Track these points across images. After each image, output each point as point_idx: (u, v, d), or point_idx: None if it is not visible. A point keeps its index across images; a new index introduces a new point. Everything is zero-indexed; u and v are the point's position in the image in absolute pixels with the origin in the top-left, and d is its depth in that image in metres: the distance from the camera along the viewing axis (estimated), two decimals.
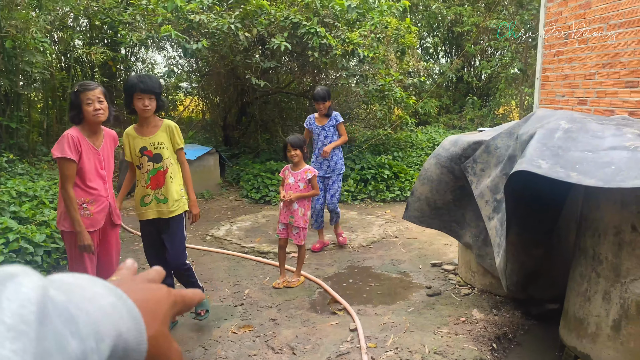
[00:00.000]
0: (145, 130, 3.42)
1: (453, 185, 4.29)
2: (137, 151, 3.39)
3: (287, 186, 4.43)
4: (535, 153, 3.03)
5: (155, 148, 3.40)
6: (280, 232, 4.49)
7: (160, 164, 3.42)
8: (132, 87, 3.26)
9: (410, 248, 5.56)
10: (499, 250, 3.55)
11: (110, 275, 2.31)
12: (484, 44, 14.01)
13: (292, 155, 4.35)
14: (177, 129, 3.48)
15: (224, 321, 3.81)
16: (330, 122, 5.35)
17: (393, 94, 8.18)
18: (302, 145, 4.37)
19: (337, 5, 7.51)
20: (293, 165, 4.45)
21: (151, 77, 3.34)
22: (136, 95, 3.27)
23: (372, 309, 4.02)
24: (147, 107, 3.29)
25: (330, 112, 5.36)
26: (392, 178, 8.09)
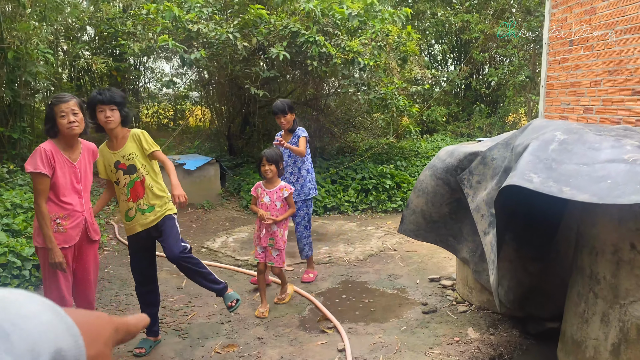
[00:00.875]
0: (114, 144, 3.33)
1: (449, 197, 4.14)
2: (112, 167, 3.30)
3: (263, 205, 4.10)
4: (528, 166, 2.88)
5: (127, 160, 3.31)
6: (259, 255, 4.16)
7: (136, 174, 3.32)
8: (91, 101, 3.18)
9: (408, 262, 5.40)
10: (493, 268, 3.39)
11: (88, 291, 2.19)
12: (491, 51, 13.82)
13: (265, 170, 4.02)
14: (144, 134, 3.35)
15: (208, 339, 3.68)
16: (293, 139, 4.77)
17: (396, 102, 8.04)
18: (278, 160, 4.07)
19: (338, 13, 7.41)
20: (266, 182, 4.14)
21: (112, 90, 3.25)
22: (98, 108, 3.18)
23: (363, 327, 3.87)
24: (109, 118, 3.19)
25: (295, 127, 4.78)
26: (394, 188, 7.94)
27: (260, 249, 4.15)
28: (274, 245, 4.10)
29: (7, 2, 7.86)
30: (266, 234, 4.09)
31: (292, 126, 4.74)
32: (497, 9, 12.96)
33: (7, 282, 4.37)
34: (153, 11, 7.55)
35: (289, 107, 4.68)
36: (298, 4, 7.64)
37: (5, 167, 7.69)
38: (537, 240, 3.75)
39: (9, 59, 7.82)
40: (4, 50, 7.81)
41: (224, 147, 11.13)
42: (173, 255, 3.30)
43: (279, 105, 4.68)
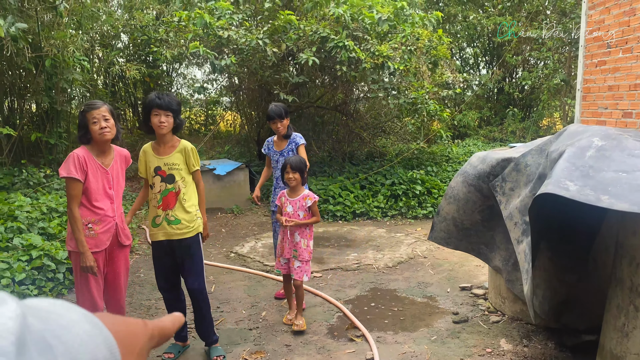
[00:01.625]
0: (161, 150, 3.36)
1: (481, 204, 4.04)
2: (151, 170, 3.34)
3: (285, 215, 3.97)
4: (563, 174, 2.78)
5: (169, 168, 3.34)
6: (281, 267, 4.01)
7: (173, 185, 3.35)
8: (149, 103, 3.23)
9: (439, 269, 5.30)
10: (527, 277, 3.28)
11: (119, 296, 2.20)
12: (525, 54, 13.54)
13: (289, 178, 3.86)
14: (194, 151, 3.42)
15: (236, 346, 3.68)
16: (289, 146, 4.47)
17: (426, 106, 7.94)
18: (302, 168, 3.90)
19: (367, 18, 7.37)
20: (290, 190, 3.98)
21: (170, 95, 3.30)
22: (153, 112, 3.23)
23: (392, 336, 3.80)
24: (163, 124, 3.24)
25: (290, 132, 4.47)
26: (424, 194, 7.83)
27: (283, 260, 3.99)
28: (297, 256, 3.93)
29: (46, 11, 8.10)
30: (290, 245, 3.94)
31: (287, 131, 4.46)
32: (531, 11, 12.70)
33: (41, 284, 4.48)
34: (185, 18, 7.66)
35: (285, 111, 4.42)
36: (327, 9, 7.64)
37: (43, 172, 7.92)
38: (573, 250, 3.63)
39: (46, 67, 8.05)
40: (42, 58, 8.05)
41: (253, 152, 11.21)
42: (193, 287, 3.41)
43: (275, 109, 4.38)
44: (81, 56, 8.59)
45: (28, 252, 4.65)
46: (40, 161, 8.67)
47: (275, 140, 4.53)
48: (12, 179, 7.62)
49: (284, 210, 3.98)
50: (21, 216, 5.36)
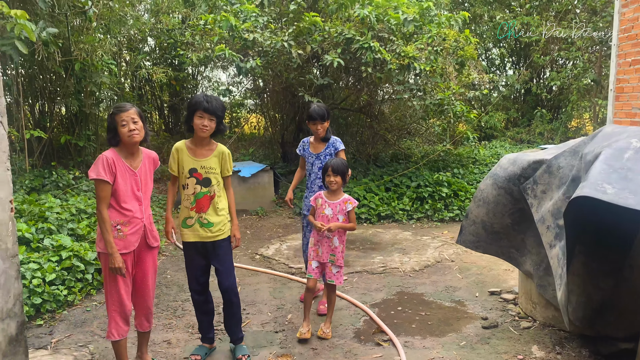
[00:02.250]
0: (198, 151, 3.37)
1: (512, 207, 3.95)
2: (185, 170, 3.34)
3: (323, 217, 3.81)
4: (600, 176, 2.68)
5: (205, 172, 3.35)
6: (313, 271, 3.85)
7: (208, 188, 3.36)
8: (195, 104, 3.24)
9: (467, 273, 5.20)
10: (561, 283, 3.19)
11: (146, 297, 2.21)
12: (553, 54, 13.27)
13: (331, 181, 3.76)
14: (230, 157, 3.44)
15: (262, 348, 3.66)
16: (327, 150, 4.28)
17: (453, 108, 7.84)
18: (344, 171, 3.80)
19: (393, 18, 7.31)
20: (328, 193, 3.87)
21: (217, 99, 3.29)
22: (198, 113, 3.24)
23: (420, 341, 3.74)
24: (206, 128, 3.26)
25: (329, 136, 4.29)
26: (450, 196, 7.72)
27: (315, 264, 3.85)
28: (335, 261, 3.81)
29: (76, 16, 8.25)
30: (327, 248, 3.82)
31: (326, 135, 4.28)
32: (559, 10, 12.45)
33: (71, 284, 4.54)
34: (210, 22, 7.72)
35: (327, 113, 4.22)
36: (352, 10, 7.60)
37: (72, 174, 8.05)
38: (609, 254, 3.51)
39: (76, 70, 8.20)
40: (72, 61, 8.20)
41: (277, 154, 11.23)
42: (226, 285, 3.41)
43: (317, 110, 4.17)
44: (109, 60, 8.73)
45: (58, 253, 4.72)
46: (69, 163, 8.83)
47: (312, 142, 4.37)
48: (43, 180, 7.76)
49: (321, 213, 3.83)
50: (51, 217, 5.45)
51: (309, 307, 3.89)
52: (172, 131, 13.10)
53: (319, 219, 3.84)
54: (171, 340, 3.81)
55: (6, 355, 2.70)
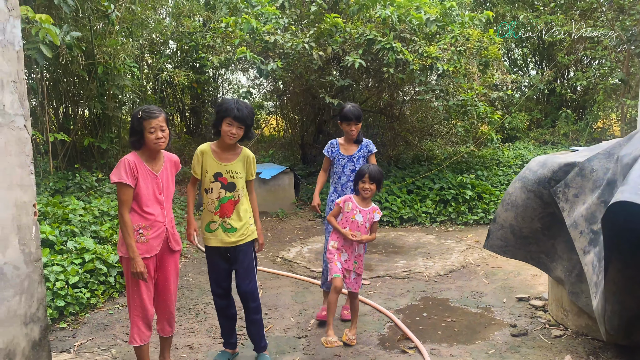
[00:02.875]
0: (223, 155, 3.32)
1: (541, 211, 3.83)
2: (210, 174, 3.30)
3: (353, 223, 3.67)
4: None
5: (230, 176, 3.31)
6: (340, 270, 3.65)
7: (233, 193, 3.31)
8: (226, 111, 3.19)
9: (493, 279, 5.08)
10: (597, 291, 3.06)
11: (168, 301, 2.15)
12: (578, 54, 12.99)
13: (366, 188, 3.63)
14: (254, 160, 3.41)
15: (285, 354, 3.60)
16: (360, 152, 4.11)
17: (476, 109, 7.70)
18: (381, 180, 3.70)
19: (415, 19, 7.21)
20: (360, 200, 3.72)
21: (248, 107, 3.24)
22: (227, 120, 3.19)
23: (447, 349, 3.64)
24: (234, 135, 3.24)
25: (361, 138, 4.14)
26: (474, 199, 7.57)
27: (339, 265, 3.66)
28: (356, 269, 3.73)
29: (99, 20, 8.32)
30: (352, 256, 3.70)
31: (358, 137, 4.12)
32: (584, 9, 12.17)
33: (94, 287, 4.54)
34: (232, 24, 7.71)
35: (361, 114, 4.07)
36: (374, 11, 7.52)
37: (95, 176, 8.12)
38: None
39: (99, 74, 8.27)
40: (95, 65, 8.27)
41: (297, 155, 11.19)
42: (243, 289, 3.35)
43: (354, 111, 3.99)
44: (132, 63, 8.79)
45: (81, 255, 4.73)
46: (92, 165, 8.91)
47: (342, 143, 4.15)
48: (66, 182, 7.84)
49: (351, 218, 3.67)
50: (74, 219, 5.47)
51: (334, 312, 3.70)
52: (194, 134, 13.17)
53: (347, 224, 3.68)
54: (193, 344, 3.77)
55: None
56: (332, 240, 3.74)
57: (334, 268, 3.65)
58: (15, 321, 2.59)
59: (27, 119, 2.71)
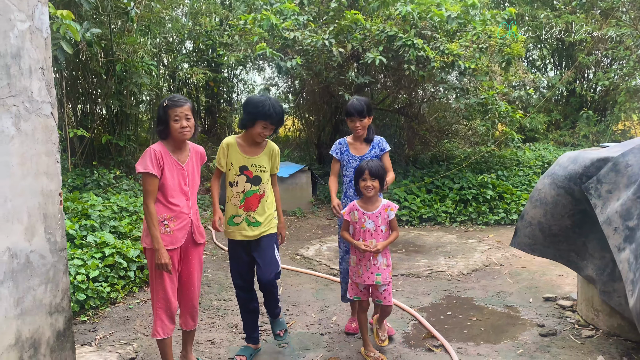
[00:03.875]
0: (248, 149, 3.28)
1: (572, 208, 3.72)
2: (235, 168, 3.25)
3: (364, 233, 3.32)
4: None
5: (256, 170, 3.27)
6: (361, 292, 3.40)
7: (258, 187, 3.27)
8: (264, 115, 3.12)
9: (518, 278, 4.97)
10: (634, 288, 2.96)
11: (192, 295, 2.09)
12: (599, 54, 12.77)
13: (367, 186, 3.25)
14: (279, 154, 3.39)
15: (308, 351, 3.53)
16: (373, 151, 3.67)
17: (497, 107, 7.58)
18: (383, 175, 3.31)
19: (436, 16, 7.12)
20: (364, 202, 3.36)
21: (281, 107, 3.20)
22: (262, 123, 3.15)
23: (474, 347, 3.54)
24: (265, 134, 3.23)
25: (372, 136, 3.69)
26: (495, 199, 7.45)
27: (361, 287, 3.40)
28: (382, 281, 3.34)
29: (118, 17, 8.35)
30: (370, 269, 3.32)
31: (368, 135, 3.69)
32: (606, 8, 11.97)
33: (114, 282, 4.51)
34: (250, 22, 7.68)
35: (367, 108, 3.59)
36: (394, 8, 7.45)
37: (112, 173, 8.13)
38: None
39: (117, 71, 8.29)
40: (113, 62, 8.30)
41: (313, 155, 11.14)
42: (266, 279, 3.27)
43: (355, 104, 3.56)
44: (150, 61, 8.80)
45: (101, 250, 4.71)
46: (110, 163, 8.93)
47: (351, 142, 3.73)
48: (84, 179, 7.86)
49: (361, 227, 3.33)
50: (94, 214, 5.46)
51: (367, 327, 3.47)
52: (209, 133, 13.17)
53: (361, 235, 3.34)
54: (215, 339, 3.72)
55: (54, 351, 2.65)
56: (353, 256, 3.42)
57: (354, 290, 3.43)
58: (40, 310, 2.55)
59: (54, 107, 2.68)
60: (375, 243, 3.31)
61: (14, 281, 2.39)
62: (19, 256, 2.42)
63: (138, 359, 3.44)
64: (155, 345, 3.55)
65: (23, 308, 2.44)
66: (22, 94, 2.44)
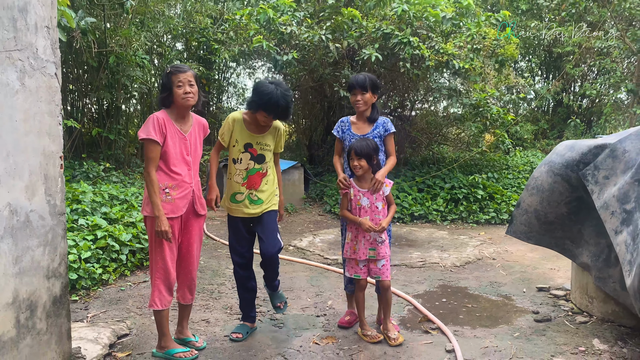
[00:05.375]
0: (254, 127, 3.26)
1: (568, 195, 3.76)
2: (240, 145, 3.23)
3: (361, 210, 3.31)
4: None
5: (260, 148, 3.25)
6: (361, 271, 3.35)
7: (262, 165, 3.26)
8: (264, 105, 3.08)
9: (510, 271, 4.99)
10: (631, 269, 2.99)
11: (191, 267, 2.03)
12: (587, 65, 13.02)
13: (355, 165, 3.27)
14: (285, 133, 3.35)
15: (305, 330, 3.50)
16: (376, 130, 3.49)
17: (488, 109, 7.67)
18: (370, 153, 3.25)
19: (432, 16, 7.20)
20: (358, 181, 3.36)
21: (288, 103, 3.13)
22: (267, 113, 3.12)
23: (470, 331, 3.55)
24: (266, 123, 3.23)
25: (376, 116, 3.51)
26: (486, 199, 7.50)
27: (362, 264, 3.35)
28: (376, 256, 3.32)
29: (113, 9, 8.30)
30: (366, 244, 3.32)
31: (372, 114, 3.51)
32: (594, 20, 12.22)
33: (105, 264, 4.44)
34: (246, 17, 7.70)
35: (372, 82, 3.42)
36: (389, 8, 7.53)
37: (102, 165, 8.03)
38: None
39: (110, 63, 8.22)
40: (106, 54, 8.23)
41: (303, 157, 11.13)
42: (270, 253, 3.24)
43: (359, 77, 3.43)
44: (143, 55, 8.74)
45: (93, 232, 4.64)
46: (99, 156, 8.82)
47: (354, 121, 3.56)
48: (73, 172, 7.75)
49: (357, 205, 3.32)
50: (85, 200, 5.39)
51: (364, 308, 3.42)
52: None
53: (356, 212, 3.32)
54: (209, 319, 3.67)
55: (50, 316, 2.59)
56: (348, 232, 3.39)
57: (354, 268, 3.38)
58: (38, 272, 2.50)
59: (58, 68, 2.64)
60: (369, 219, 3.28)
61: (14, 238, 2.34)
62: (19, 213, 2.37)
63: (132, 335, 3.37)
64: (150, 323, 3.51)
65: (21, 267, 2.39)
66: (27, 49, 2.41)
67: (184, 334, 3.22)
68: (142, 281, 4.47)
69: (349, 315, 3.62)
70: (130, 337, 3.34)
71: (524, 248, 5.72)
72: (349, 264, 3.41)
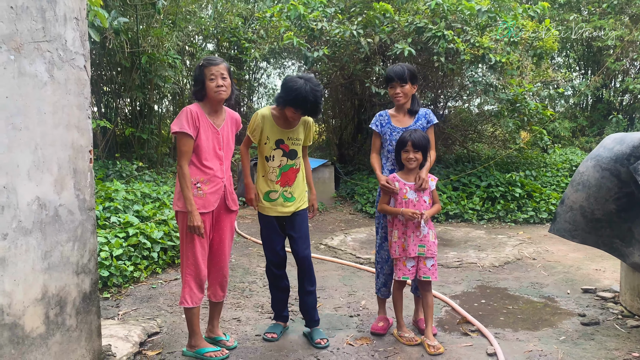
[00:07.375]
0: (283, 122, 3.15)
1: (617, 191, 3.53)
2: (271, 142, 3.13)
3: (407, 204, 3.13)
4: None
5: (292, 143, 3.16)
6: (409, 271, 3.15)
7: (294, 161, 3.17)
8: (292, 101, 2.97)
9: (552, 271, 4.76)
10: None
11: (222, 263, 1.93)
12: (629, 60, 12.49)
13: (409, 158, 3.10)
14: (314, 125, 3.25)
15: (338, 331, 3.39)
16: (419, 122, 3.32)
17: (526, 105, 7.39)
18: (427, 146, 3.13)
19: (466, 9, 6.99)
20: (405, 174, 3.20)
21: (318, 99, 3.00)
22: (297, 110, 3.01)
23: (512, 333, 3.37)
24: (296, 121, 3.15)
25: (417, 108, 3.35)
26: (524, 197, 7.23)
27: (410, 263, 3.16)
28: (426, 253, 3.14)
29: (145, 9, 8.36)
30: (415, 240, 3.13)
31: (412, 105, 3.33)
32: (637, 13, 11.71)
33: (137, 261, 4.42)
34: (277, 14, 7.63)
35: (410, 73, 3.24)
36: (422, 2, 7.35)
37: (135, 164, 8.09)
38: None
39: (142, 63, 8.28)
40: (139, 55, 8.29)
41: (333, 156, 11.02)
42: (303, 254, 3.17)
43: (396, 69, 3.24)
44: (174, 54, 8.79)
45: (125, 230, 4.63)
46: (132, 156, 8.91)
47: (393, 114, 3.37)
48: (107, 171, 7.83)
49: (402, 199, 3.14)
50: (118, 197, 5.40)
51: (402, 308, 3.29)
52: None
53: (402, 207, 3.14)
54: (241, 318, 3.60)
55: (80, 312, 2.54)
56: (394, 230, 3.21)
57: (402, 270, 3.18)
58: (67, 268, 2.46)
59: (87, 60, 2.60)
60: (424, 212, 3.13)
61: (42, 233, 2.30)
62: (48, 208, 2.33)
63: (162, 333, 3.32)
64: (180, 321, 3.46)
65: (50, 262, 2.35)
66: (56, 41, 2.37)
67: (215, 332, 3.15)
68: (174, 279, 4.44)
69: (382, 321, 3.42)
70: (161, 336, 3.29)
71: (565, 248, 5.47)
72: (397, 265, 3.21)
